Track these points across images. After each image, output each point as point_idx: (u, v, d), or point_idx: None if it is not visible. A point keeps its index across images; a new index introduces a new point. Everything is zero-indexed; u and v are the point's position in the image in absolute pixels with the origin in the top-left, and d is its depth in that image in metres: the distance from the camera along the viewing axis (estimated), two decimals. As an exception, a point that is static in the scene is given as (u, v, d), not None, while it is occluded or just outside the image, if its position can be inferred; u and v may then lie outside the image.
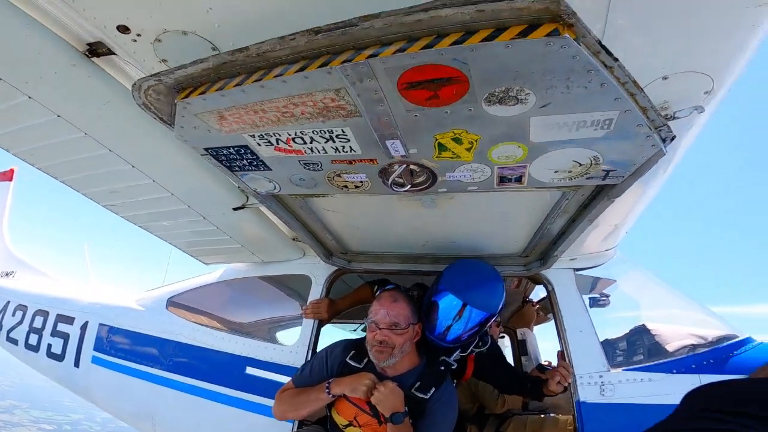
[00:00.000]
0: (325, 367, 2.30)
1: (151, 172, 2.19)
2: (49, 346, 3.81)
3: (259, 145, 1.54)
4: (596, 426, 2.28)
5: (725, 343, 2.43)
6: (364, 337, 2.27)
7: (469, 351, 2.49)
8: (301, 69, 1.20)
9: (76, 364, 3.63)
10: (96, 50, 1.52)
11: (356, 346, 2.31)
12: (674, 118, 1.37)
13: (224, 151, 1.62)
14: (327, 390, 2.16)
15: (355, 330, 5.73)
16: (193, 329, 3.25)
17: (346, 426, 2.19)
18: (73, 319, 3.78)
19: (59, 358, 3.74)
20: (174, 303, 3.52)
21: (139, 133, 1.89)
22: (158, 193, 2.33)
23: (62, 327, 3.81)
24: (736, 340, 2.45)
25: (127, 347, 3.44)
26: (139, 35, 1.28)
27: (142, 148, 2.04)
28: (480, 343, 2.54)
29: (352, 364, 2.26)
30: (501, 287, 2.27)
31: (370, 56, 1.11)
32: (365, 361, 2.24)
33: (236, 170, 1.74)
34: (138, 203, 2.54)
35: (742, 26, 1.07)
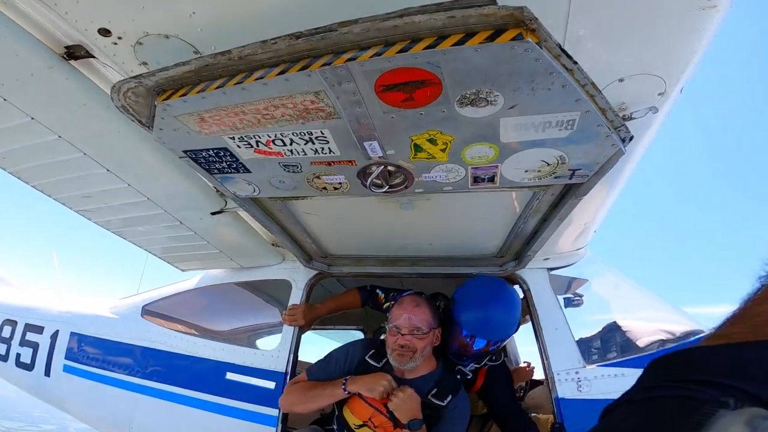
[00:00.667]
0: (344, 363, 2.30)
1: (126, 176, 2.17)
2: (18, 355, 3.70)
3: (239, 147, 1.57)
4: (575, 422, 2.34)
5: (692, 338, 2.55)
6: (384, 338, 2.28)
7: (482, 364, 2.49)
8: (282, 72, 1.24)
9: (47, 373, 3.53)
10: (74, 53, 1.52)
11: (376, 346, 2.33)
12: (631, 118, 1.48)
13: (203, 154, 1.63)
14: (343, 386, 2.16)
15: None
16: (170, 336, 3.21)
17: (360, 426, 2.19)
18: (43, 328, 3.68)
19: (28, 367, 3.64)
20: (149, 311, 3.46)
21: (115, 136, 1.87)
22: (133, 197, 2.31)
23: (31, 336, 3.70)
24: (702, 335, 2.56)
25: (100, 355, 3.37)
26: (120, 38, 1.30)
27: (118, 152, 2.02)
28: (494, 357, 2.55)
29: (371, 362, 2.27)
30: (515, 312, 2.33)
31: (349, 60, 1.16)
32: (384, 361, 2.25)
33: (215, 173, 1.75)
34: (112, 208, 2.51)
35: (689, 29, 1.18)
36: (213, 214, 2.47)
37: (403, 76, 1.18)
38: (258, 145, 1.54)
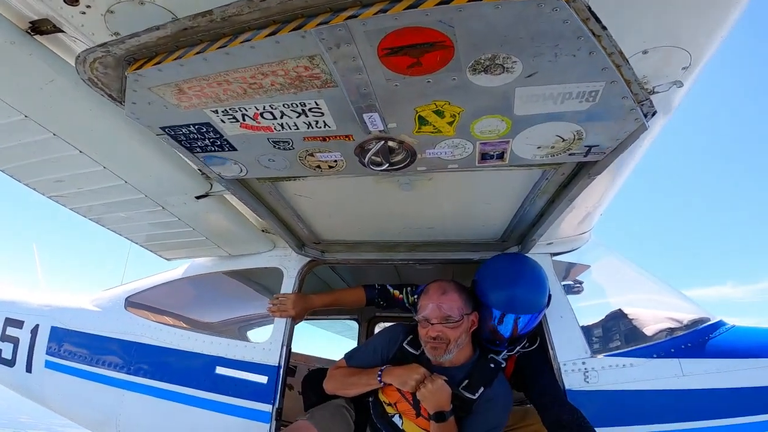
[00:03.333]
0: (384, 349, 2.27)
1: (100, 158, 2.00)
2: (-1, 351, 3.55)
3: (224, 122, 1.42)
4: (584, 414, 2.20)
5: (700, 327, 2.46)
6: None
7: (515, 351, 2.36)
8: (272, 33, 1.09)
9: (29, 369, 3.37)
10: (39, 28, 1.40)
11: (416, 331, 2.21)
12: (654, 92, 1.36)
13: (183, 130, 1.48)
14: (379, 378, 2.14)
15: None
16: (155, 329, 3.06)
17: (389, 405, 2.22)
18: (23, 322, 3.50)
19: (10, 363, 3.47)
20: (133, 303, 3.30)
21: (86, 115, 1.72)
22: (110, 181, 2.14)
23: (11, 331, 3.52)
24: (710, 323, 2.49)
25: (83, 350, 3.22)
26: (88, 6, 1.14)
27: (91, 132, 1.86)
28: (527, 344, 2.41)
29: (409, 349, 2.22)
30: (543, 283, 2.26)
31: (349, 18, 1.02)
32: (422, 348, 2.16)
33: (197, 152, 1.60)
34: (88, 193, 2.33)
35: (718, 1, 1.06)
36: (198, 198, 2.31)
37: (411, 38, 1.05)
38: (245, 119, 1.39)
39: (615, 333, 2.60)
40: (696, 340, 2.39)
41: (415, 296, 2.55)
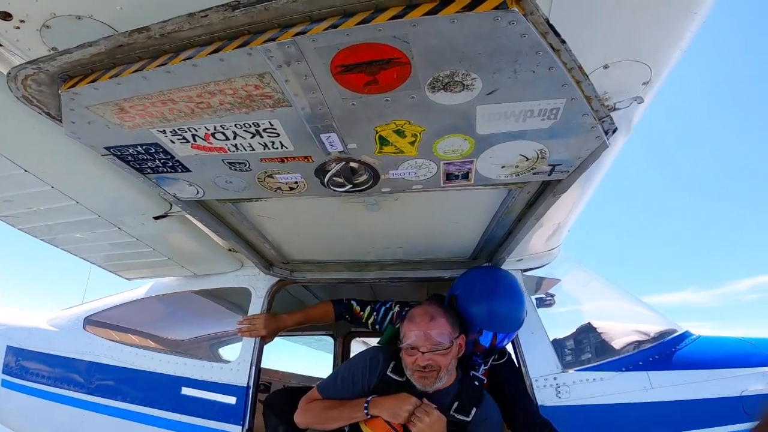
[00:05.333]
0: (364, 378, 2.08)
1: (48, 177, 1.87)
2: (-44, 369, 3.32)
3: (173, 142, 1.33)
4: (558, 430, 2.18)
5: (667, 338, 2.48)
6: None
7: (488, 363, 2.32)
8: (216, 51, 1.03)
9: (-15, 388, 3.18)
10: None
11: (397, 357, 2.07)
12: (615, 109, 1.34)
13: (130, 151, 1.39)
14: (366, 410, 1.96)
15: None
16: (116, 349, 2.93)
17: None
18: None
19: None
20: (93, 322, 3.16)
21: (30, 133, 1.61)
22: (60, 201, 2.01)
23: (-34, 351, 3.31)
24: (677, 334, 2.51)
25: (41, 370, 3.07)
26: (23, 21, 1.08)
27: (35, 150, 1.74)
28: (497, 356, 2.38)
29: (393, 377, 2.05)
30: (521, 296, 2.24)
31: (298, 34, 0.96)
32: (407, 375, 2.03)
33: (148, 173, 1.51)
34: (38, 214, 2.18)
35: (678, 13, 1.05)
36: (156, 218, 2.19)
37: (365, 54, 1.00)
38: (195, 140, 1.32)
39: (585, 347, 2.60)
40: (663, 352, 2.40)
41: (374, 315, 2.50)
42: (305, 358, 5.65)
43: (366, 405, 1.97)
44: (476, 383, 2.11)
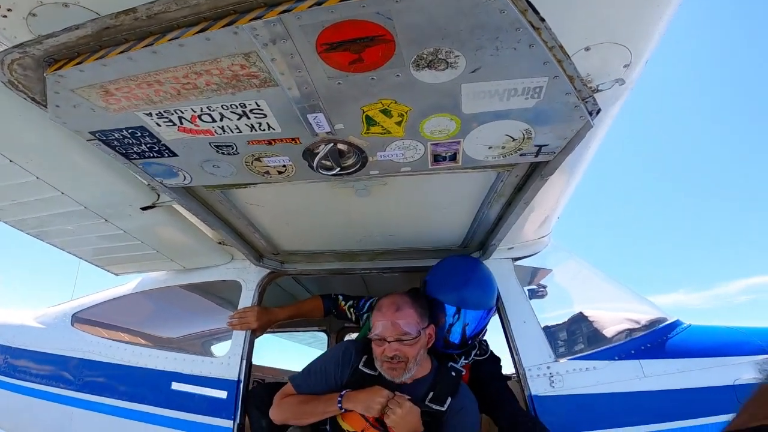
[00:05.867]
0: (337, 373, 2.09)
1: (33, 167, 1.84)
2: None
3: (159, 125, 1.32)
4: (551, 420, 2.20)
5: (659, 327, 2.49)
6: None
7: (471, 358, 2.33)
8: (202, 30, 1.03)
9: (-28, 386, 3.15)
10: None
11: (369, 350, 2.07)
12: (598, 90, 1.37)
13: (116, 135, 1.38)
14: (339, 404, 1.96)
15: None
16: (104, 345, 2.91)
17: None
18: None
19: None
20: (81, 319, 3.14)
21: (14, 121, 1.59)
22: (45, 192, 1.98)
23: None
24: (668, 323, 2.53)
25: (29, 368, 3.06)
26: (9, 10, 1.08)
27: (19, 139, 1.71)
28: (479, 352, 2.39)
29: (366, 371, 2.05)
30: (491, 281, 2.26)
31: (283, 12, 0.97)
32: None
33: (134, 158, 1.50)
34: (23, 206, 2.15)
35: None
36: (144, 209, 2.18)
37: (350, 32, 1.00)
38: (182, 122, 1.31)
39: (578, 336, 2.60)
40: (655, 340, 2.41)
41: (359, 312, 2.52)
42: (300, 354, 5.66)
43: (339, 399, 1.98)
44: (453, 374, 2.12)
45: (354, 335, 5.00)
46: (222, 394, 2.56)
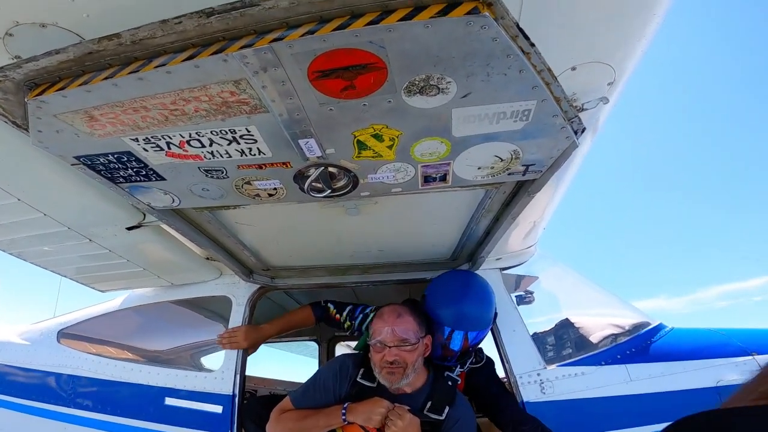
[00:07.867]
0: (336, 386, 2.10)
1: (14, 189, 1.79)
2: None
3: (146, 150, 1.30)
4: None
5: (642, 331, 2.55)
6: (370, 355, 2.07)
7: (466, 366, 2.35)
8: (190, 57, 1.02)
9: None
10: None
11: (366, 362, 2.11)
12: (583, 109, 1.39)
13: (101, 159, 1.35)
14: (343, 417, 1.97)
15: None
16: (93, 362, 2.86)
17: None
18: None
19: None
20: (67, 335, 3.08)
21: None
22: (26, 214, 1.92)
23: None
24: (651, 327, 2.59)
25: (14, 384, 2.99)
26: None
27: (1, 162, 1.67)
28: (474, 360, 2.40)
29: (364, 383, 2.08)
30: (489, 299, 2.27)
31: (275, 40, 0.96)
32: (378, 380, 2.05)
33: (120, 182, 1.47)
34: (3, 228, 2.09)
35: (637, 14, 1.09)
36: (129, 229, 2.13)
37: (342, 60, 1.01)
38: (170, 147, 1.29)
39: (565, 342, 2.64)
40: (639, 345, 2.47)
41: (353, 320, 2.51)
42: (292, 364, 5.60)
43: (343, 412, 1.99)
44: (449, 383, 2.16)
45: (345, 344, 4.97)
46: (217, 409, 2.53)
